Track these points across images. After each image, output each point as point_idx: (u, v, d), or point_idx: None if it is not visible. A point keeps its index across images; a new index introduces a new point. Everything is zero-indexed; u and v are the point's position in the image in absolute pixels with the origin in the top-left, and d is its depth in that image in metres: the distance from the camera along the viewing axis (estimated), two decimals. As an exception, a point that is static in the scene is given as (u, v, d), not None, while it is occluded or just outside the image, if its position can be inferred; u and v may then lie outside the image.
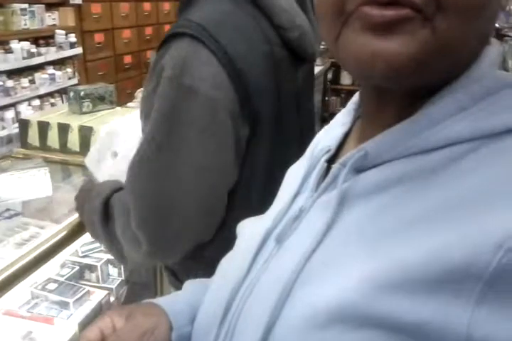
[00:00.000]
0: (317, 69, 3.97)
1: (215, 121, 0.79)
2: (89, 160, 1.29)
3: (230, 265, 0.54)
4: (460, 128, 0.38)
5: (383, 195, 0.39)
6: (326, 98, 4.96)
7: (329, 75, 5.03)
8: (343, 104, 0.58)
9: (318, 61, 4.09)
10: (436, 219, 0.35)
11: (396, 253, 0.35)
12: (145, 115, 0.85)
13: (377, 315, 0.34)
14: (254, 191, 0.90)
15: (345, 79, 5.25)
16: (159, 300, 0.60)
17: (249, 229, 0.55)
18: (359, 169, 0.42)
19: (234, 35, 0.82)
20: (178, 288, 1.04)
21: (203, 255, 0.88)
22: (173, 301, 0.60)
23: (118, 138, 1.23)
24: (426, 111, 0.39)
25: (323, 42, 0.66)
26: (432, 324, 0.32)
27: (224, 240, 0.80)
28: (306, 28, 0.91)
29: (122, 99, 2.27)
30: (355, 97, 0.52)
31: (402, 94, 0.41)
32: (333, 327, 0.36)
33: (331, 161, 0.49)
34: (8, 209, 1.32)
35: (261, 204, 0.60)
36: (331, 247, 0.40)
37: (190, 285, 0.66)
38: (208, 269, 0.94)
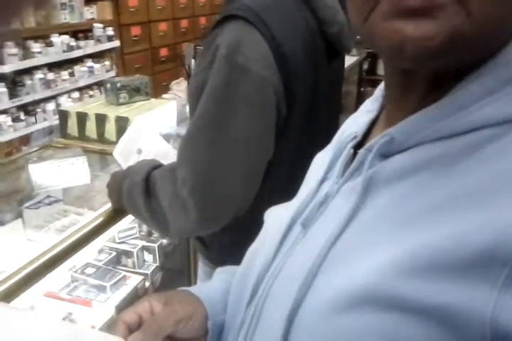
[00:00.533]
0: (352, 59, 3.92)
1: (264, 98, 0.86)
2: (117, 153, 1.34)
3: (257, 250, 0.55)
4: (486, 113, 0.37)
5: (408, 180, 0.39)
6: (362, 89, 4.89)
7: (365, 66, 4.95)
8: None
9: (353, 51, 4.04)
10: (461, 204, 0.35)
11: (421, 237, 0.35)
12: (196, 90, 0.91)
13: (401, 298, 0.34)
14: (283, 168, 0.96)
15: (382, 69, 5.14)
16: (194, 289, 0.61)
17: (276, 215, 0.56)
18: (385, 154, 0.42)
19: (281, 21, 0.88)
20: (204, 253, 1.09)
21: (229, 223, 0.93)
22: (208, 290, 0.61)
23: (142, 137, 1.27)
24: (452, 96, 0.39)
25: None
26: (457, 307, 0.32)
27: (248, 212, 0.90)
28: (344, 24, 0.97)
29: (158, 90, 2.31)
30: (383, 84, 0.52)
31: (429, 78, 0.41)
32: (358, 310, 0.36)
33: (357, 148, 0.49)
34: (48, 196, 1.37)
35: (287, 185, 0.62)
36: (356, 232, 0.41)
37: (222, 273, 0.67)
38: (230, 235, 0.98)
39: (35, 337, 0.43)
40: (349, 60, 3.65)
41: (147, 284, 1.41)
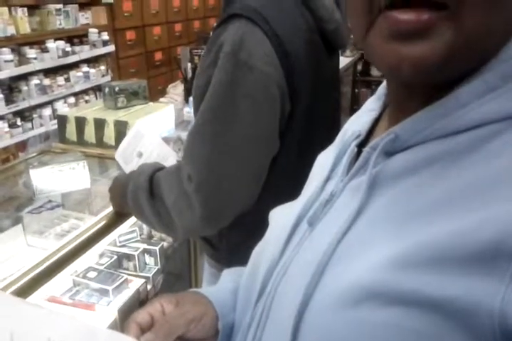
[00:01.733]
0: (346, 60, 3.93)
1: (267, 94, 0.87)
2: (118, 156, 1.34)
3: (264, 248, 0.55)
4: (488, 109, 0.38)
5: (413, 177, 0.40)
6: (356, 90, 4.91)
7: (359, 67, 4.97)
8: (374, 97, 0.59)
9: (347, 53, 4.05)
10: (465, 199, 0.36)
11: (426, 233, 0.36)
12: (200, 89, 0.92)
13: (408, 292, 0.35)
14: (287, 165, 0.97)
15: (376, 70, 5.17)
16: (204, 290, 0.62)
17: (282, 215, 0.57)
18: (389, 152, 0.43)
19: (283, 20, 0.90)
20: (210, 254, 1.09)
21: (235, 221, 0.94)
22: (217, 291, 0.62)
23: (143, 140, 1.28)
24: (454, 94, 0.39)
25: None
26: (463, 300, 0.33)
27: (254, 210, 0.91)
28: (340, 22, 1.00)
29: (154, 94, 2.31)
30: (385, 83, 0.53)
31: (428, 88, 0.42)
32: (365, 304, 0.37)
33: (361, 146, 0.49)
34: (50, 201, 1.37)
35: (292, 181, 0.63)
36: (362, 229, 0.42)
37: (229, 274, 0.67)
38: (237, 235, 0.99)
39: (48, 332, 0.44)
40: (343, 61, 3.67)
41: (149, 287, 1.41)
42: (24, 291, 0.95)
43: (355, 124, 0.54)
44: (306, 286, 0.42)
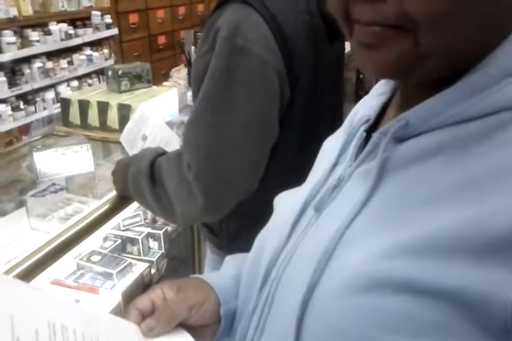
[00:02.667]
0: (352, 45, 3.89)
1: (265, 79, 0.85)
2: (123, 139, 1.33)
3: (269, 234, 0.55)
4: (503, 96, 0.37)
5: (424, 164, 0.39)
6: (361, 76, 4.87)
7: (364, 52, 4.92)
8: (379, 82, 0.58)
9: (353, 38, 4.00)
10: (477, 187, 0.35)
11: (436, 221, 0.35)
12: (199, 74, 0.90)
13: (417, 280, 0.35)
14: (288, 153, 0.96)
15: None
16: (206, 276, 0.62)
17: (287, 200, 0.56)
18: (399, 138, 0.42)
19: (281, 3, 0.88)
20: (212, 241, 1.09)
21: (236, 209, 0.94)
22: (219, 277, 0.62)
23: (147, 122, 1.27)
24: (468, 80, 0.38)
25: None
26: (475, 290, 0.32)
27: (255, 197, 0.91)
28: None
29: (157, 79, 2.29)
30: None
31: (426, 82, 0.41)
32: (373, 291, 0.37)
33: (370, 131, 0.49)
34: (53, 184, 1.37)
35: (293, 169, 0.62)
36: (371, 215, 0.41)
37: (232, 260, 0.67)
38: (238, 221, 0.98)
39: (49, 314, 0.43)
40: (348, 47, 3.63)
41: (153, 271, 1.41)
42: (28, 274, 0.95)
43: (365, 108, 0.53)
44: (312, 273, 0.41)
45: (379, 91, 0.53)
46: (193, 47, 2.22)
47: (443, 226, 0.35)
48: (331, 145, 0.56)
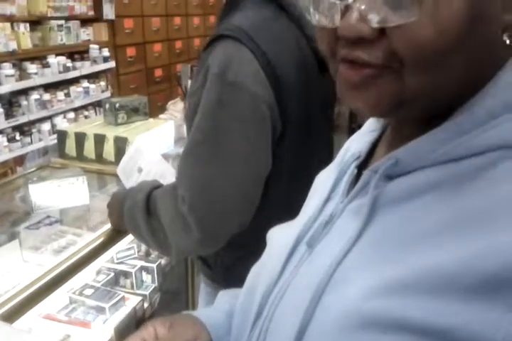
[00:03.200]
0: (345, 80, 3.96)
1: (256, 113, 0.87)
2: (119, 170, 1.34)
3: (262, 270, 0.55)
4: (489, 137, 0.38)
5: (414, 202, 0.40)
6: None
7: (357, 86, 5.00)
8: (371, 116, 0.59)
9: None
10: (467, 226, 0.35)
11: (427, 259, 0.36)
12: (191, 110, 0.92)
13: (409, 319, 0.34)
14: (281, 184, 0.96)
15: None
16: (198, 313, 0.62)
17: (280, 235, 0.56)
18: (390, 176, 0.43)
19: (271, 39, 0.90)
20: (206, 273, 1.08)
21: (231, 241, 0.94)
22: (211, 313, 0.62)
23: (142, 156, 1.28)
24: (455, 120, 0.39)
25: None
26: (465, 330, 0.32)
27: (249, 229, 0.90)
28: None
29: (153, 111, 2.32)
30: None
31: (414, 120, 0.43)
32: (366, 330, 0.36)
33: (361, 167, 0.50)
34: (48, 216, 1.36)
35: (287, 200, 0.63)
36: (363, 252, 0.41)
37: (225, 295, 0.67)
38: (233, 254, 0.98)
39: None
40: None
41: (146, 305, 1.40)
42: (20, 308, 0.94)
43: (356, 144, 0.54)
44: (305, 310, 0.41)
45: (370, 128, 0.54)
46: (189, 81, 2.26)
47: (435, 264, 0.35)
48: (323, 180, 0.57)
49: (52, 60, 3.28)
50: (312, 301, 0.41)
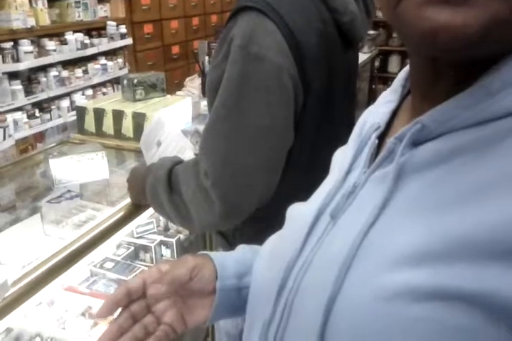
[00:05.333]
0: (364, 56, 3.90)
1: (280, 85, 0.87)
2: (142, 142, 1.35)
3: (282, 241, 0.54)
4: None
5: (441, 167, 0.39)
6: (373, 86, 4.87)
7: (376, 63, 4.94)
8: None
9: (365, 48, 4.02)
10: (498, 190, 0.35)
11: (457, 226, 0.35)
12: (214, 84, 0.92)
13: (442, 287, 0.34)
14: (302, 158, 0.96)
15: (393, 67, 5.14)
16: (208, 253, 0.63)
17: (300, 209, 0.55)
18: (415, 142, 0.42)
19: (293, 11, 0.89)
20: (225, 248, 1.10)
21: (250, 215, 0.94)
22: (222, 255, 0.63)
23: (162, 129, 1.28)
24: (483, 83, 0.38)
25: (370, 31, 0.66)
26: (501, 293, 0.32)
27: (269, 203, 0.91)
28: (357, 14, 0.98)
29: (170, 88, 2.32)
30: (401, 74, 0.52)
31: (459, 67, 0.40)
32: (399, 298, 0.36)
33: (380, 138, 0.49)
34: (69, 191, 1.38)
35: (307, 174, 0.63)
36: (390, 220, 0.40)
37: (241, 248, 0.68)
38: (252, 228, 0.98)
39: None
40: (361, 58, 3.63)
41: (165, 279, 1.42)
42: (42, 280, 0.95)
43: (372, 116, 0.53)
44: (334, 280, 0.40)
45: (386, 100, 0.53)
46: (206, 58, 2.24)
47: (467, 231, 0.34)
48: (341, 155, 0.56)
49: (70, 36, 3.27)
50: (340, 272, 0.40)
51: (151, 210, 1.19)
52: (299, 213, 0.55)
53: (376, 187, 0.43)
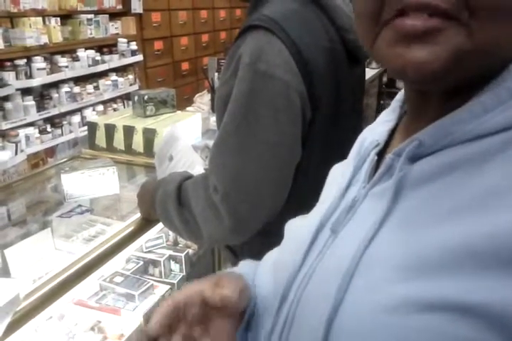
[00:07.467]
0: (372, 72, 3.92)
1: (288, 102, 0.88)
2: (156, 159, 1.37)
3: (283, 256, 0.55)
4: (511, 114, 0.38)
5: (438, 181, 0.40)
6: (382, 101, 4.89)
7: (384, 79, 4.96)
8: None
9: (373, 64, 4.04)
10: (496, 202, 0.35)
11: (459, 236, 0.36)
12: (223, 100, 0.94)
13: (444, 298, 0.34)
14: (309, 173, 0.97)
15: (401, 82, 5.14)
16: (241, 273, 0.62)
17: (299, 224, 0.56)
18: (412, 158, 0.43)
19: (301, 29, 0.91)
20: (233, 262, 1.10)
21: (259, 230, 0.95)
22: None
23: (175, 143, 1.29)
24: (479, 99, 0.40)
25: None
26: (503, 304, 0.32)
27: (277, 217, 0.91)
28: None
29: (180, 104, 2.35)
30: (399, 95, 0.54)
31: (441, 94, 0.42)
32: (400, 310, 0.36)
33: (379, 155, 0.50)
34: (79, 206, 1.39)
35: (314, 190, 0.64)
36: (390, 233, 0.41)
37: (244, 263, 0.69)
38: (260, 243, 1.00)
39: None
40: (369, 73, 3.66)
41: (173, 294, 1.42)
42: (52, 295, 0.96)
43: (371, 135, 0.55)
44: (336, 292, 0.41)
45: (384, 119, 0.55)
46: (216, 74, 2.27)
47: (466, 242, 0.35)
48: (339, 171, 0.57)
49: (81, 53, 3.33)
50: (342, 285, 0.41)
51: (160, 225, 1.20)
52: (299, 228, 0.56)
53: (376, 202, 0.44)
